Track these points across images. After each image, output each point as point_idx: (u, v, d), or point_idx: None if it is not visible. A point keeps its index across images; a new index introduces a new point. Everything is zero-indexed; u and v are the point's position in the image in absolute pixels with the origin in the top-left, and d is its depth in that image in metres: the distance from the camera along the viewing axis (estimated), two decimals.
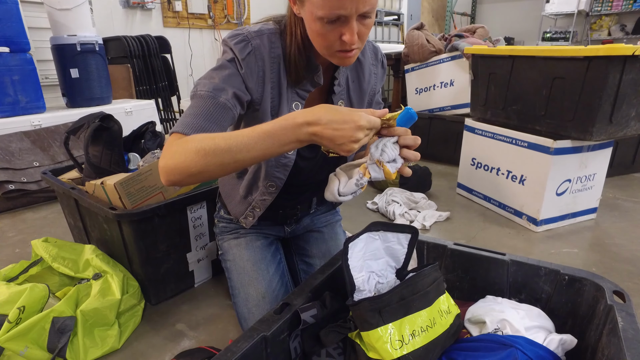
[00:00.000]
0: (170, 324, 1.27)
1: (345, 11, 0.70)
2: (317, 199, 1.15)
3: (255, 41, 0.82)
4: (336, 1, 0.68)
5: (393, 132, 0.71)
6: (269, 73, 0.83)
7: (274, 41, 0.84)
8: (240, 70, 0.81)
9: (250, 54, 0.81)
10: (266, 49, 0.82)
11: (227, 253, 1.15)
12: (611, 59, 1.47)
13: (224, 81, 0.78)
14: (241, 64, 0.80)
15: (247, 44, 0.81)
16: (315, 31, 0.75)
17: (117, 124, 1.43)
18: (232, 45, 0.81)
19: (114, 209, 1.21)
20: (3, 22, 2.27)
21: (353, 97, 0.96)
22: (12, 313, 1.04)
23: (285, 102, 0.87)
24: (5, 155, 2.22)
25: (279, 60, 0.84)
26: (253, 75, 0.82)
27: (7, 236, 1.91)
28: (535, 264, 0.83)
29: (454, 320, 0.71)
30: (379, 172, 0.70)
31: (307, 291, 0.73)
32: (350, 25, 0.72)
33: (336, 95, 0.93)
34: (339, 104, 0.93)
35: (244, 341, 0.61)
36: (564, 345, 0.70)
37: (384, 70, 1.03)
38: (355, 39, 0.73)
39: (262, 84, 0.83)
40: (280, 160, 0.92)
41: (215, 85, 0.78)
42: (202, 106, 0.76)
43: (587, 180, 1.86)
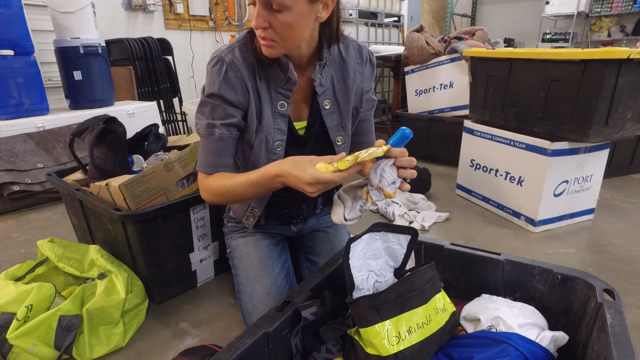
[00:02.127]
0: (174, 322, 1.30)
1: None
2: (322, 199, 1.17)
3: (228, 57, 0.88)
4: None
5: (390, 154, 0.75)
6: (249, 80, 0.89)
7: (245, 50, 0.89)
8: (218, 101, 0.89)
9: (227, 70, 0.88)
10: (239, 59, 0.88)
11: (234, 250, 1.18)
12: (607, 62, 1.49)
13: (210, 117, 0.91)
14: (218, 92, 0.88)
15: (222, 63, 0.88)
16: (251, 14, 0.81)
17: (121, 127, 1.46)
18: (210, 70, 0.89)
19: (118, 209, 1.24)
20: (8, 25, 2.30)
21: (339, 96, 0.99)
22: (21, 311, 1.07)
23: (267, 103, 0.92)
24: (9, 156, 2.25)
25: (253, 66, 0.90)
26: (236, 89, 0.89)
27: (12, 237, 1.93)
28: (529, 263, 0.86)
29: (450, 318, 0.73)
30: (380, 195, 0.76)
31: (308, 289, 0.75)
32: (256, 11, 0.78)
33: (320, 96, 0.96)
34: (324, 104, 0.97)
35: (247, 337, 0.64)
36: (555, 341, 0.73)
37: (372, 67, 1.05)
38: (258, 24, 0.78)
39: (246, 92, 0.90)
40: (270, 157, 0.98)
41: (206, 123, 0.91)
42: (206, 145, 0.93)
43: (585, 182, 1.88)
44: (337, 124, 1.00)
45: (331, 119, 1.00)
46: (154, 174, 1.29)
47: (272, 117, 0.94)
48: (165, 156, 1.40)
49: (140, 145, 1.57)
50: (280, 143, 0.97)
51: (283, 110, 0.95)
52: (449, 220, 2.04)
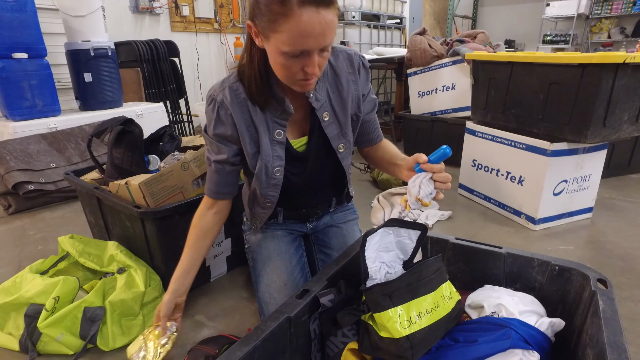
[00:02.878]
0: (190, 315, 1.36)
1: (309, 48, 0.79)
2: (335, 199, 1.24)
3: (219, 97, 0.96)
4: (301, 40, 0.77)
5: (430, 169, 0.84)
6: (239, 116, 0.96)
7: (236, 89, 0.96)
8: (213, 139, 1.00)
9: (219, 109, 0.96)
10: (228, 99, 0.95)
11: (253, 245, 1.24)
12: (604, 67, 1.55)
13: (209, 152, 1.04)
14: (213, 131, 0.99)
15: (214, 103, 0.97)
16: (279, 63, 0.83)
17: (138, 128, 1.52)
18: (206, 111, 0.99)
19: (138, 207, 1.30)
20: (22, 29, 2.37)
21: (336, 107, 1.03)
22: (49, 302, 1.13)
23: (264, 133, 0.99)
24: (24, 157, 2.31)
25: (245, 103, 0.96)
26: (227, 125, 0.98)
27: (28, 234, 2.00)
28: (528, 256, 0.92)
29: (455, 305, 0.79)
30: (417, 204, 0.84)
31: (324, 279, 0.82)
32: (313, 59, 0.81)
33: (319, 110, 1.01)
34: (323, 117, 1.02)
35: (271, 321, 0.70)
36: (553, 327, 0.79)
37: (366, 71, 1.09)
38: (316, 71, 0.83)
39: (234, 128, 0.98)
40: (270, 182, 1.05)
41: (207, 155, 1.05)
42: (210, 173, 1.06)
43: (583, 181, 1.94)
44: (337, 133, 1.05)
45: (331, 129, 1.04)
46: (172, 173, 1.35)
47: (270, 146, 1.00)
48: (181, 156, 1.47)
49: (155, 145, 1.63)
50: (279, 169, 1.03)
51: (280, 138, 1.00)
52: (451, 219, 2.10)
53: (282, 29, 0.77)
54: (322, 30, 0.77)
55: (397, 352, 0.70)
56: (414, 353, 0.71)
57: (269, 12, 0.77)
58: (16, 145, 2.34)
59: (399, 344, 0.70)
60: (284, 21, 0.76)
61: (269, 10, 0.76)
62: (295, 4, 0.74)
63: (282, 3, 0.74)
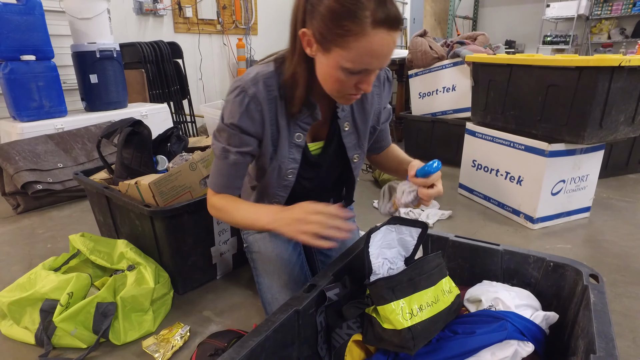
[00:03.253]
0: (198, 311, 1.40)
1: (373, 67, 0.80)
2: (333, 200, 1.27)
3: (251, 90, 0.90)
4: (367, 59, 0.77)
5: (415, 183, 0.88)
6: (267, 114, 0.92)
7: (270, 84, 0.91)
8: (236, 131, 0.92)
9: (250, 102, 0.90)
10: (262, 93, 0.90)
11: (252, 245, 1.27)
12: (600, 69, 1.59)
13: (227, 143, 0.94)
14: (237, 123, 0.91)
15: (245, 95, 0.90)
16: (334, 77, 0.82)
17: (146, 129, 1.56)
18: (231, 100, 0.91)
19: (148, 206, 1.35)
20: (31, 32, 2.41)
21: (357, 118, 1.06)
22: (63, 298, 1.18)
23: (285, 134, 0.97)
24: (32, 157, 2.36)
25: (275, 100, 0.93)
26: (254, 122, 0.92)
27: (37, 233, 2.04)
28: (525, 253, 0.96)
29: (455, 299, 0.83)
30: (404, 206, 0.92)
31: (330, 274, 0.86)
32: (370, 77, 0.82)
33: (341, 119, 1.03)
34: (344, 126, 1.03)
35: (281, 314, 0.74)
36: (547, 320, 0.83)
37: (389, 85, 1.11)
38: (370, 88, 0.85)
39: (262, 125, 0.94)
40: (281, 182, 1.04)
41: (222, 148, 0.95)
42: (219, 166, 0.98)
43: (581, 181, 1.98)
44: (354, 144, 1.07)
45: (350, 139, 1.06)
46: (180, 173, 1.39)
47: (288, 148, 0.99)
48: (189, 157, 1.51)
49: (163, 146, 1.68)
50: (292, 171, 1.02)
51: (299, 141, 0.99)
52: (451, 218, 2.14)
53: (350, 46, 0.76)
54: (389, 52, 0.78)
55: (400, 343, 0.75)
56: (415, 343, 0.75)
57: (338, 28, 0.75)
58: (25, 145, 2.38)
59: (401, 335, 0.74)
60: (354, 39, 0.75)
61: (338, 25, 0.75)
62: (369, 24, 0.73)
63: (356, 22, 0.73)
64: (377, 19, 0.74)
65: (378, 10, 0.74)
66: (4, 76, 2.43)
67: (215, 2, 4.43)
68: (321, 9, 0.76)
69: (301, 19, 0.82)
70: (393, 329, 0.75)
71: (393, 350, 0.80)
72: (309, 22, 0.80)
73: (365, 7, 0.73)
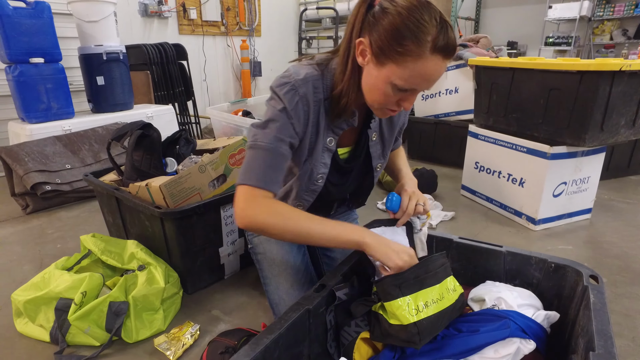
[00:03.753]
0: (207, 310, 1.44)
1: (420, 89, 0.84)
2: (337, 204, 1.30)
3: (302, 89, 0.89)
4: (418, 81, 0.80)
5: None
6: (312, 115, 0.93)
7: (317, 87, 0.92)
8: (290, 120, 0.89)
9: (298, 102, 0.89)
10: (311, 95, 0.91)
11: (257, 247, 1.29)
12: (601, 74, 1.62)
13: (280, 132, 0.88)
14: (290, 113, 0.89)
15: (295, 93, 0.89)
16: (381, 90, 0.84)
17: (156, 132, 1.60)
18: (282, 95, 0.88)
19: (158, 207, 1.38)
20: (39, 35, 2.45)
21: (385, 130, 1.09)
22: (77, 297, 1.21)
23: (321, 138, 0.97)
24: (41, 158, 2.40)
25: (320, 103, 0.93)
26: (300, 121, 0.91)
27: (47, 233, 2.08)
28: (527, 254, 0.99)
29: (459, 298, 0.86)
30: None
31: (339, 275, 0.89)
32: (414, 97, 0.86)
33: (371, 130, 1.05)
34: (372, 136, 1.06)
35: (293, 312, 0.77)
36: (549, 319, 0.86)
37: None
38: (410, 107, 0.89)
39: (305, 126, 0.93)
40: (310, 187, 1.04)
41: (274, 136, 0.88)
42: (267, 158, 0.88)
43: (582, 183, 2.01)
44: (379, 153, 1.11)
45: (376, 148, 1.09)
46: (190, 175, 1.43)
47: (321, 152, 0.99)
48: (198, 159, 1.54)
49: (172, 148, 1.71)
50: (322, 176, 1.02)
51: (331, 145, 1.00)
52: (454, 219, 2.17)
53: (406, 65, 0.78)
54: (438, 77, 0.82)
55: (406, 338, 0.78)
56: (421, 338, 0.78)
57: (398, 45, 0.77)
58: (33, 147, 2.42)
59: (407, 330, 0.78)
60: (412, 60, 0.78)
61: (399, 43, 0.77)
62: (429, 49, 0.77)
63: (417, 44, 0.76)
64: (437, 45, 0.77)
65: (440, 37, 0.77)
66: (14, 78, 2.47)
67: (220, 3, 4.47)
68: (384, 23, 0.79)
69: (359, 28, 0.85)
70: (399, 324, 0.78)
71: (400, 346, 0.83)
72: (368, 33, 0.82)
73: (428, 31, 0.76)
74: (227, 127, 2.37)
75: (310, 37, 5.18)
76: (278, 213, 0.87)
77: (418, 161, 3.25)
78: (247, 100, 2.79)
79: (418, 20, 0.76)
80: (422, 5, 0.78)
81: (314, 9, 5.03)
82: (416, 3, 0.78)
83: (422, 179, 2.42)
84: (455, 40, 0.81)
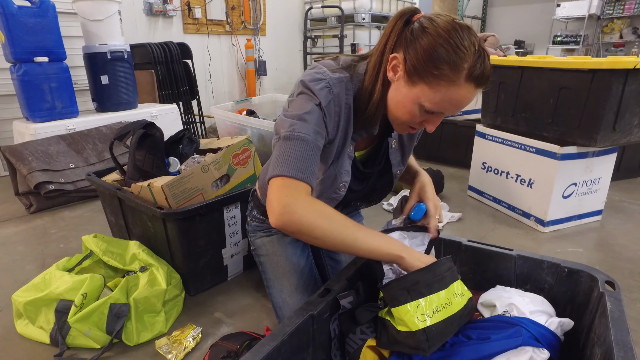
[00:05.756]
0: (209, 312, 1.41)
1: (448, 113, 0.82)
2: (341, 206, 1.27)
3: (336, 89, 0.85)
4: (447, 106, 0.79)
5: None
6: (342, 119, 0.89)
7: (348, 89, 0.88)
8: (324, 117, 0.85)
9: (331, 101, 0.85)
10: (343, 96, 0.87)
11: (260, 249, 1.27)
12: (614, 72, 1.58)
13: (318, 125, 0.83)
14: (324, 110, 0.84)
15: (330, 92, 0.85)
16: (407, 108, 0.82)
17: (159, 131, 1.58)
18: (316, 90, 0.84)
19: (161, 208, 1.36)
20: (44, 34, 2.44)
21: (404, 137, 1.06)
22: (78, 299, 1.19)
23: (347, 145, 0.93)
24: (45, 157, 2.39)
25: (349, 108, 0.89)
26: (331, 121, 0.87)
27: (50, 232, 2.07)
28: (538, 258, 0.95)
29: (467, 302, 0.83)
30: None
31: (344, 279, 0.86)
32: (439, 120, 0.84)
33: (391, 138, 1.03)
34: (392, 144, 1.03)
35: (296, 318, 0.74)
36: (562, 326, 0.82)
37: None
38: (433, 130, 0.86)
39: (336, 128, 0.89)
40: (331, 195, 0.99)
41: (312, 129, 0.82)
42: (305, 149, 0.81)
43: (593, 184, 1.96)
44: (399, 161, 1.08)
45: (395, 155, 1.07)
46: (192, 175, 1.40)
47: (346, 158, 0.95)
48: (201, 159, 1.52)
49: (175, 148, 1.69)
50: (344, 184, 0.98)
51: (350, 152, 0.96)
52: (461, 220, 2.13)
53: (438, 88, 0.76)
54: (466, 105, 0.80)
55: (415, 345, 0.75)
56: (430, 345, 0.75)
57: (434, 68, 0.75)
58: (37, 146, 2.41)
59: (416, 337, 0.75)
60: (445, 85, 0.76)
61: (435, 66, 0.75)
62: (464, 76, 0.75)
63: (453, 69, 0.74)
64: (473, 74, 0.75)
65: (476, 66, 0.75)
66: (18, 78, 2.46)
67: (224, 2, 4.45)
68: (422, 43, 0.76)
69: (393, 42, 0.82)
70: (408, 330, 0.75)
71: (408, 353, 0.80)
72: (403, 49, 0.80)
73: (466, 58, 0.74)
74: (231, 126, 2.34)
75: (316, 36, 5.16)
76: (323, 214, 0.79)
77: (424, 161, 3.21)
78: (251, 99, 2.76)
79: (457, 45, 0.74)
80: (462, 29, 0.75)
81: (319, 7, 5.00)
82: (457, 26, 0.75)
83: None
84: (491, 69, 0.79)
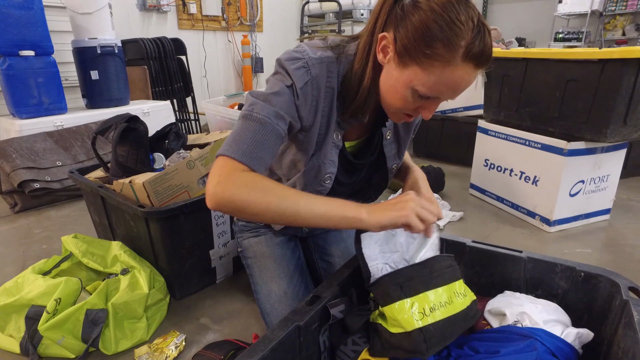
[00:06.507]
0: (195, 317, 1.32)
1: (444, 97, 0.73)
2: None
3: (315, 70, 0.78)
4: (443, 89, 0.70)
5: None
6: (322, 103, 0.81)
7: (331, 70, 0.81)
8: (295, 100, 0.78)
9: (308, 83, 0.78)
10: (323, 79, 0.80)
11: (247, 250, 1.18)
12: (626, 62, 1.49)
13: (282, 108, 0.76)
14: (298, 92, 0.77)
15: (307, 72, 0.78)
16: (400, 94, 0.74)
17: (143, 125, 1.49)
18: (292, 70, 0.77)
19: (142, 206, 1.27)
20: (29, 27, 2.35)
21: (400, 128, 0.98)
22: (50, 304, 1.10)
23: (331, 132, 0.86)
24: (30, 155, 2.30)
25: (332, 92, 0.82)
26: (307, 105, 0.80)
27: (33, 233, 1.98)
28: (551, 261, 0.87)
29: (471, 304, 0.74)
30: None
31: (335, 284, 0.77)
32: (436, 105, 0.76)
33: (386, 128, 0.94)
34: (387, 134, 0.94)
35: (280, 330, 0.66)
36: (580, 338, 0.74)
37: None
38: (430, 116, 0.77)
39: (314, 113, 0.82)
40: (316, 188, 0.92)
41: (273, 111, 0.75)
42: (259, 132, 0.74)
43: (601, 182, 1.87)
44: (394, 153, 0.99)
45: (390, 148, 0.98)
46: (177, 171, 1.31)
47: (330, 148, 0.88)
48: (187, 154, 1.43)
49: (161, 143, 1.60)
50: (330, 176, 0.92)
51: (337, 140, 0.89)
52: (463, 220, 2.04)
53: (432, 70, 0.68)
54: (466, 88, 0.72)
55: (411, 347, 0.66)
56: (428, 347, 0.67)
57: (426, 47, 0.67)
58: (22, 143, 2.32)
59: (411, 338, 0.66)
60: (440, 65, 0.67)
61: (427, 45, 0.67)
62: (460, 55, 0.66)
63: (449, 48, 0.66)
64: (471, 52, 0.66)
65: (475, 43, 0.66)
66: (2, 72, 2.37)
67: None
68: (414, 20, 0.68)
69: (383, 20, 0.73)
70: (402, 331, 0.67)
71: (404, 358, 0.71)
72: (393, 28, 0.71)
73: (463, 35, 0.66)
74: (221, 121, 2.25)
75: (313, 31, 5.07)
76: (256, 187, 0.71)
77: (424, 159, 3.12)
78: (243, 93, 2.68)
79: (453, 20, 0.65)
80: (459, 2, 0.67)
81: (317, 2, 4.91)
82: (453, 0, 0.67)
83: (429, 177, 2.25)
84: (492, 47, 0.70)
